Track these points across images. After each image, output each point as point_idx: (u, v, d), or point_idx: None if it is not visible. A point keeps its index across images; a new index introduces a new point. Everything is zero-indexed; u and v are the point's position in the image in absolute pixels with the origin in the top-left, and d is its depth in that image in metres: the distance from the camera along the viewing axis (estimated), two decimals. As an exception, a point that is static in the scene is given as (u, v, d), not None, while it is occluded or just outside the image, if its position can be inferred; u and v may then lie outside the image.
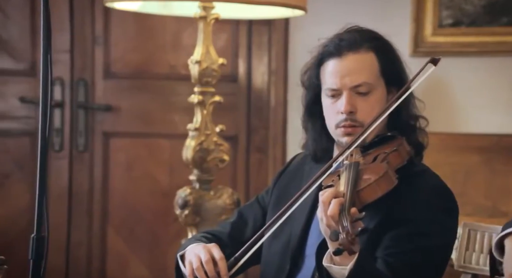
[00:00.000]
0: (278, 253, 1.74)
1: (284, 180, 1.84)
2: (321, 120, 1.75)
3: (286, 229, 1.73)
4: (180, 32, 3.40)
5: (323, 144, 1.75)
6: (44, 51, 1.48)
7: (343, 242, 1.44)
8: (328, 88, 1.72)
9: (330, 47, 1.71)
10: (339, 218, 1.48)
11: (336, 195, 1.52)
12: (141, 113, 3.45)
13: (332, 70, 1.70)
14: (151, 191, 3.44)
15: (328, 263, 1.54)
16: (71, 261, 3.42)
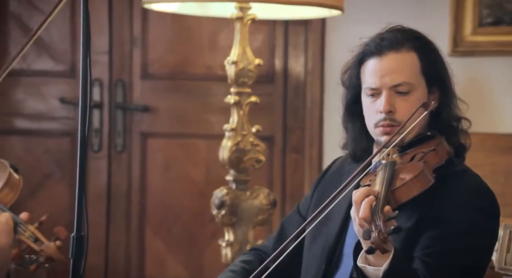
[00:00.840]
0: (317, 254, 1.74)
1: (324, 184, 1.83)
2: (361, 120, 1.75)
3: (324, 230, 1.73)
4: (216, 33, 3.41)
5: (363, 144, 1.75)
6: (83, 53, 1.50)
7: (375, 241, 1.44)
8: (367, 87, 1.71)
9: (371, 46, 1.71)
10: (372, 217, 1.48)
11: (368, 194, 1.52)
12: (178, 113, 3.47)
13: (372, 69, 1.70)
14: (188, 191, 3.46)
15: (363, 263, 1.54)
16: (110, 260, 3.45)
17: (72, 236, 1.47)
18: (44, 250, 1.40)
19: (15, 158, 3.40)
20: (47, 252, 1.40)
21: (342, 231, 1.72)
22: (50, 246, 1.40)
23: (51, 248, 1.40)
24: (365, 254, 1.53)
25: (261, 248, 1.85)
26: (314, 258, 1.74)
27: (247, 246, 2.73)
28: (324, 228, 1.72)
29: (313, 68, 3.38)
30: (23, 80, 3.49)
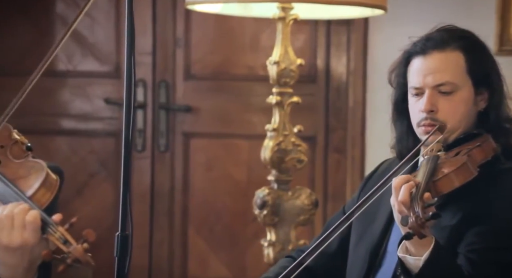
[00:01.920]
0: (362, 253, 1.74)
1: (370, 185, 1.82)
2: (408, 119, 1.74)
3: (369, 230, 1.73)
4: (259, 33, 3.42)
5: (409, 143, 1.74)
6: (128, 54, 1.52)
7: (412, 226, 1.43)
8: (412, 86, 1.71)
9: (417, 45, 1.71)
10: (410, 203, 1.47)
11: (408, 180, 1.52)
12: (220, 114, 3.48)
13: (416, 69, 1.70)
14: (230, 191, 3.47)
15: (403, 253, 1.53)
16: (154, 259, 3.48)
17: (116, 235, 1.49)
18: (72, 252, 1.42)
19: (61, 158, 3.46)
20: (74, 254, 1.42)
21: (387, 229, 1.71)
22: (77, 249, 1.43)
23: (78, 250, 1.43)
24: (405, 244, 1.52)
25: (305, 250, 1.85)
26: (359, 257, 1.74)
27: (289, 246, 2.73)
28: (369, 228, 1.72)
29: (355, 68, 3.36)
30: (69, 81, 3.54)
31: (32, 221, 1.43)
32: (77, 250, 1.42)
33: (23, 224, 1.43)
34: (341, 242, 1.76)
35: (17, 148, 1.56)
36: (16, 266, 1.46)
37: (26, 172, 1.52)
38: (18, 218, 1.43)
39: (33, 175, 1.50)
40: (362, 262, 1.73)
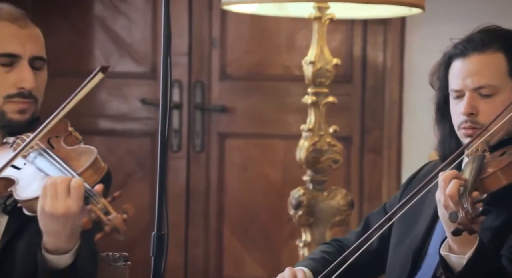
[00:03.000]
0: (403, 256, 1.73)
1: (413, 185, 1.80)
2: (451, 121, 1.73)
3: (411, 231, 1.72)
4: (294, 33, 3.41)
5: (452, 145, 1.73)
6: (164, 55, 1.52)
7: (462, 221, 1.42)
8: (452, 89, 1.70)
9: (458, 48, 1.69)
10: (458, 200, 1.46)
11: (456, 177, 1.51)
12: (255, 114, 3.49)
13: (456, 71, 1.69)
14: (265, 191, 3.47)
15: (446, 252, 1.52)
16: (189, 259, 3.50)
17: (152, 235, 1.50)
18: (111, 220, 1.45)
19: (98, 158, 3.50)
20: (114, 222, 1.45)
21: (429, 231, 1.70)
22: (117, 217, 1.46)
23: (118, 219, 1.45)
24: (448, 243, 1.51)
25: (343, 241, 1.84)
26: (400, 258, 1.73)
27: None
28: (411, 229, 1.71)
29: (392, 68, 3.33)
30: (106, 81, 3.58)
31: (75, 188, 1.47)
32: (117, 218, 1.45)
33: (66, 192, 1.47)
34: (381, 240, 1.74)
35: (71, 138, 1.65)
36: (59, 233, 1.49)
37: (77, 155, 1.58)
38: (61, 186, 1.47)
39: (83, 157, 1.56)
40: (403, 263, 1.71)
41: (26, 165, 1.57)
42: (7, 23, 1.65)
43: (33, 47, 1.65)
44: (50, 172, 1.53)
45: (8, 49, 1.64)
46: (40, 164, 1.56)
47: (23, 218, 1.58)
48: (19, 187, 1.53)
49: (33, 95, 1.64)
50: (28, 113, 1.65)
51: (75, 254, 1.53)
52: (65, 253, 1.51)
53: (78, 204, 1.48)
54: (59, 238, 1.50)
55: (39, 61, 1.66)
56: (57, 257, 1.51)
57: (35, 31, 1.68)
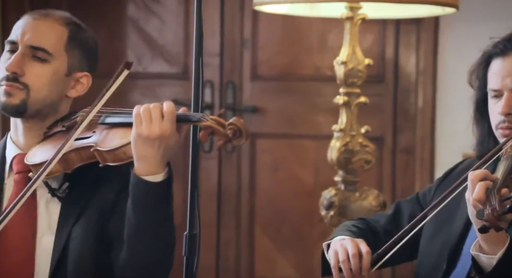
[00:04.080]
0: (435, 252, 1.72)
1: (449, 181, 1.79)
2: (489, 121, 1.72)
3: (445, 228, 1.71)
4: (326, 33, 3.40)
5: (490, 144, 1.71)
6: (196, 55, 1.54)
7: (488, 218, 1.42)
8: (490, 88, 1.69)
9: (498, 46, 1.68)
10: (486, 198, 1.46)
11: (486, 176, 1.50)
12: (286, 114, 3.48)
13: (495, 70, 1.68)
14: (296, 192, 3.46)
15: (477, 251, 1.51)
16: (221, 259, 3.51)
17: (185, 235, 1.51)
18: (233, 122, 1.52)
19: (130, 158, 3.53)
20: (236, 123, 1.52)
21: (465, 230, 1.69)
22: (238, 119, 1.53)
23: (239, 121, 1.53)
24: (479, 243, 1.50)
25: (370, 221, 1.84)
26: (432, 253, 1.72)
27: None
28: (445, 226, 1.70)
29: (425, 68, 3.30)
30: (139, 82, 3.61)
31: (169, 112, 1.57)
32: (237, 121, 1.53)
33: (161, 115, 1.56)
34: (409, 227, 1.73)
35: None
36: (152, 157, 1.57)
37: None
38: (155, 110, 1.57)
39: None
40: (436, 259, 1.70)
41: (95, 132, 1.64)
42: (27, 16, 1.71)
43: (33, 37, 1.66)
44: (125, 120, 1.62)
45: (11, 36, 1.69)
46: (113, 119, 1.66)
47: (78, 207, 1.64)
48: (101, 143, 1.61)
49: (20, 81, 1.65)
50: (15, 98, 1.66)
51: (167, 174, 1.62)
52: (156, 175, 1.59)
53: (172, 126, 1.57)
54: (151, 163, 1.58)
55: (40, 52, 1.66)
56: (150, 177, 1.59)
57: (47, 24, 1.68)
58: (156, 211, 1.60)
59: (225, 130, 1.52)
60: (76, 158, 1.62)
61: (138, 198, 1.59)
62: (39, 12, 1.70)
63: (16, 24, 1.70)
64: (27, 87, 1.66)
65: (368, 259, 1.64)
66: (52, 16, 1.70)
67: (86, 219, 1.63)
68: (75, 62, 1.71)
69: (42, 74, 1.66)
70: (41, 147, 1.66)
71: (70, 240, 1.62)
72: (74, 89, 1.73)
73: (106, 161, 1.60)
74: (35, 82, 1.66)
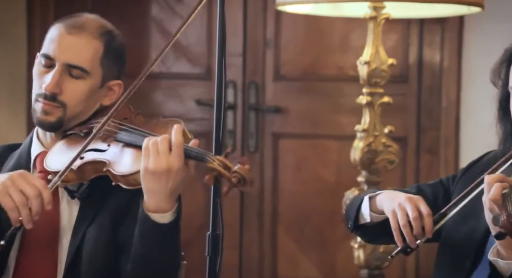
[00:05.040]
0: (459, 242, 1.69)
1: (472, 172, 1.77)
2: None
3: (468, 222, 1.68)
4: (349, 33, 3.39)
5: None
6: (219, 56, 1.54)
7: (504, 224, 1.41)
8: (510, 86, 1.66)
9: None
10: (502, 202, 1.44)
11: (502, 179, 1.49)
12: (309, 114, 3.48)
13: None
14: (319, 192, 3.46)
15: (495, 257, 1.49)
16: (244, 259, 3.51)
17: (208, 235, 1.52)
18: (237, 171, 1.50)
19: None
20: (240, 172, 1.50)
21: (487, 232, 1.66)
22: (242, 168, 1.51)
23: (243, 169, 1.50)
24: (497, 247, 1.49)
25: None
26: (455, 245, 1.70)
27: (380, 249, 2.70)
28: (468, 220, 1.68)
29: (449, 67, 3.28)
30: (162, 82, 3.62)
31: (176, 145, 1.54)
32: (242, 169, 1.50)
33: (168, 149, 1.54)
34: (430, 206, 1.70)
35: (139, 118, 1.71)
36: (160, 192, 1.55)
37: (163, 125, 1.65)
38: (163, 144, 1.54)
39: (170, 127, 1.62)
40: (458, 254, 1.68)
41: (110, 146, 1.63)
42: (61, 27, 1.69)
43: (70, 55, 1.66)
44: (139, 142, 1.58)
45: (47, 50, 1.68)
46: (127, 138, 1.63)
47: (95, 208, 1.65)
48: (114, 165, 1.59)
49: (58, 100, 1.66)
50: (52, 116, 1.67)
51: (176, 213, 1.59)
52: (164, 213, 1.58)
53: (180, 161, 1.54)
54: (160, 198, 1.56)
55: (76, 70, 1.66)
56: (158, 216, 1.57)
57: (84, 41, 1.67)
58: (162, 246, 1.59)
59: (231, 175, 1.50)
60: (92, 170, 1.62)
61: (145, 233, 1.58)
62: (73, 24, 1.68)
63: (50, 35, 1.69)
64: (64, 105, 1.67)
65: (430, 221, 1.58)
66: (87, 29, 1.69)
67: (100, 220, 1.64)
68: (109, 73, 1.72)
69: (79, 91, 1.67)
70: (59, 149, 1.67)
71: (85, 240, 1.64)
72: (107, 97, 1.74)
73: (118, 181, 1.60)
74: (72, 100, 1.67)
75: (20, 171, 1.60)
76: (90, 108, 1.70)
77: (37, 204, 1.54)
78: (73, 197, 1.65)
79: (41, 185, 1.56)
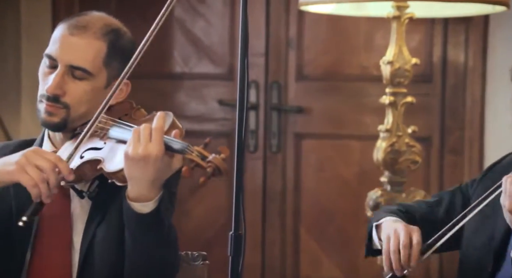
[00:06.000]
0: (479, 248, 1.69)
1: (494, 174, 1.76)
2: None
3: (488, 223, 1.68)
4: (372, 33, 3.37)
5: None
6: (241, 56, 1.53)
7: None
8: None
9: None
10: None
11: None
12: (332, 114, 3.47)
13: None
14: (341, 192, 3.45)
15: None
16: (266, 259, 3.51)
17: (230, 235, 1.51)
18: (212, 161, 1.49)
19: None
20: (214, 162, 1.49)
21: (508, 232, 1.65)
22: (216, 158, 1.49)
23: (218, 159, 1.49)
24: None
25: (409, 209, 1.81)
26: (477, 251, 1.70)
27: (403, 249, 2.68)
28: (488, 221, 1.68)
29: (474, 67, 3.25)
30: (185, 83, 3.63)
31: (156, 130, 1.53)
32: (217, 159, 1.49)
33: (149, 136, 1.52)
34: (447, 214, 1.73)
35: (140, 112, 1.69)
36: (140, 179, 1.54)
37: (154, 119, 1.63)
38: (144, 131, 1.53)
39: None
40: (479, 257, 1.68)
41: (106, 144, 1.62)
42: (64, 28, 1.67)
43: (73, 56, 1.64)
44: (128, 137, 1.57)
45: (50, 51, 1.67)
46: (117, 134, 1.62)
47: (105, 206, 1.65)
48: (106, 162, 1.59)
49: (61, 101, 1.65)
50: (56, 117, 1.66)
51: (158, 202, 1.57)
52: (147, 201, 1.56)
53: (158, 147, 1.52)
54: (140, 185, 1.55)
55: (79, 72, 1.65)
56: (140, 205, 1.56)
57: (85, 42, 1.65)
58: (147, 237, 1.58)
59: (206, 164, 1.49)
60: (91, 168, 1.61)
61: (128, 222, 1.58)
62: (76, 25, 1.67)
63: (53, 35, 1.68)
64: (67, 106, 1.65)
65: (417, 249, 1.63)
66: (90, 29, 1.67)
67: (110, 218, 1.64)
68: (114, 73, 1.70)
69: (82, 92, 1.66)
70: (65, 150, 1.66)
71: (95, 239, 1.64)
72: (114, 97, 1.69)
73: (112, 179, 1.59)
74: (75, 101, 1.66)
75: (33, 148, 1.61)
76: (96, 108, 1.67)
77: (54, 177, 1.55)
78: (82, 197, 1.65)
79: (56, 158, 1.57)
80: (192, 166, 1.50)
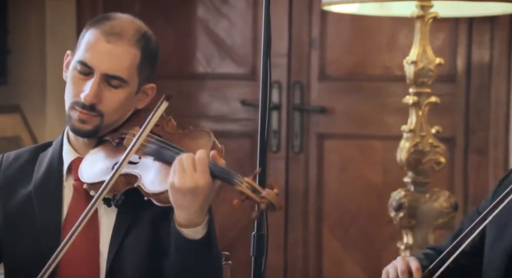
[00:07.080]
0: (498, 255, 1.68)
1: (504, 187, 1.75)
2: None
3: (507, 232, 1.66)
4: (396, 32, 3.36)
5: None
6: (264, 56, 1.54)
7: None
8: None
9: None
10: None
11: None
12: (355, 114, 3.46)
13: None
14: (364, 193, 3.43)
15: None
16: (289, 259, 3.51)
17: (253, 235, 1.52)
18: (265, 197, 1.47)
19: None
20: (268, 198, 1.47)
21: None
22: (270, 193, 1.48)
23: (271, 194, 1.47)
24: None
25: (437, 247, 1.81)
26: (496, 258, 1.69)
27: (427, 250, 2.67)
28: (507, 230, 1.66)
29: (499, 67, 3.22)
30: (208, 83, 3.64)
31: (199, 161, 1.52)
32: (270, 194, 1.47)
33: (193, 166, 1.51)
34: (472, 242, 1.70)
35: (171, 124, 1.68)
36: (189, 207, 1.54)
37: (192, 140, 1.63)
38: (188, 161, 1.52)
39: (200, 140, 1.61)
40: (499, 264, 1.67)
41: (141, 159, 1.61)
42: (98, 34, 1.65)
43: (109, 65, 1.63)
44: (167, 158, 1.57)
45: (85, 58, 1.64)
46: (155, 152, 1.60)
47: (132, 213, 1.64)
48: (144, 181, 1.58)
49: (96, 109, 1.64)
50: (89, 125, 1.65)
51: (207, 226, 1.57)
52: (196, 227, 1.56)
53: (205, 178, 1.52)
54: (189, 213, 1.55)
55: (115, 80, 1.64)
56: (190, 230, 1.56)
57: (122, 50, 1.64)
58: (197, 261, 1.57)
59: (260, 199, 1.47)
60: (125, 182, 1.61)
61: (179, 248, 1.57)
62: (111, 31, 1.64)
63: (86, 41, 1.65)
64: (101, 115, 1.65)
65: (418, 275, 1.63)
66: (125, 36, 1.65)
67: (139, 225, 1.63)
68: (144, 78, 1.69)
69: (117, 100, 1.65)
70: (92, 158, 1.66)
71: (123, 247, 1.63)
72: (141, 101, 1.72)
73: (149, 197, 1.58)
74: (110, 109, 1.65)
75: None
76: (126, 114, 1.69)
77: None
78: (109, 205, 1.65)
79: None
80: (243, 199, 1.49)
